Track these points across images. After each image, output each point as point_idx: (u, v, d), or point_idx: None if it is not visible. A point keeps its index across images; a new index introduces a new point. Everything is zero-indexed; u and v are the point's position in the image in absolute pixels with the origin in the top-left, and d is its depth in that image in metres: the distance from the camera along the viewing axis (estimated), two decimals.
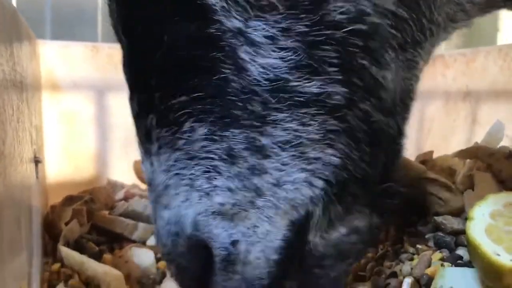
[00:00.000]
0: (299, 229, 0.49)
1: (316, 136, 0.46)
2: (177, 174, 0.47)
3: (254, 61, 0.45)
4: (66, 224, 0.83)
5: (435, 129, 1.27)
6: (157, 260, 0.81)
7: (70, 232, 0.81)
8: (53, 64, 1.09)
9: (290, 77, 0.45)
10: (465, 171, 0.79)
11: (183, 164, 0.47)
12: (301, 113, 0.46)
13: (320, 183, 0.47)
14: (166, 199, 0.48)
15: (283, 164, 0.46)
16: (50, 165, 1.06)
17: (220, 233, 0.47)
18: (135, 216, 0.90)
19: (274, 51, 0.44)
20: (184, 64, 0.46)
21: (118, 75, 1.13)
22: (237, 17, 0.44)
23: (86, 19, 1.49)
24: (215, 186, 0.46)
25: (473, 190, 0.73)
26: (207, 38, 0.45)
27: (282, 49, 0.44)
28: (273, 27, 0.44)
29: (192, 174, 0.47)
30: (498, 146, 0.77)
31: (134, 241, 0.87)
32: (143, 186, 1.05)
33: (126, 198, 0.98)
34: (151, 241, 0.86)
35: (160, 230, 0.49)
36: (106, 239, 0.87)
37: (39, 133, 0.90)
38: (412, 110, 0.54)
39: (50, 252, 0.82)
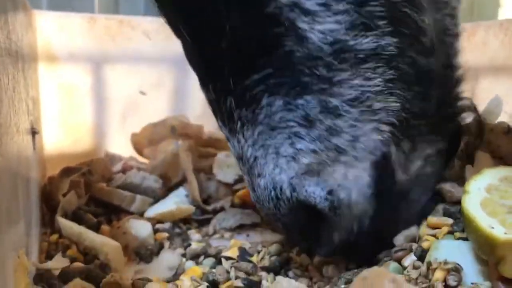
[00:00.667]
0: (382, 169, 0.55)
1: (379, 88, 0.52)
2: (262, 145, 0.53)
3: (313, 28, 0.49)
4: (64, 195, 0.83)
5: None
6: (155, 231, 0.81)
7: (68, 203, 0.81)
8: (49, 35, 1.07)
9: (348, 37, 0.49)
10: (463, 147, 0.79)
11: (266, 136, 0.52)
12: (363, 68, 0.51)
13: (386, 127, 0.54)
14: (258, 169, 0.54)
15: (355, 121, 0.52)
16: (47, 137, 1.06)
17: (315, 190, 0.53)
18: (133, 188, 0.90)
19: (329, 16, 0.49)
20: (250, 45, 0.50)
21: (115, 47, 1.14)
22: None
23: None
24: (299, 149, 0.52)
25: (472, 166, 0.73)
26: (266, 17, 0.49)
27: (335, 13, 0.48)
28: None
29: (276, 143, 0.52)
30: (496, 122, 0.77)
31: (132, 213, 0.87)
32: (141, 159, 1.05)
33: (124, 170, 0.98)
34: (149, 213, 0.86)
35: (260, 197, 0.55)
36: (104, 211, 0.88)
37: (36, 104, 0.90)
38: (457, 44, 0.60)
39: (48, 223, 0.82)
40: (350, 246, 0.57)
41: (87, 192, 0.89)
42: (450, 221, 0.57)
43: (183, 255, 0.74)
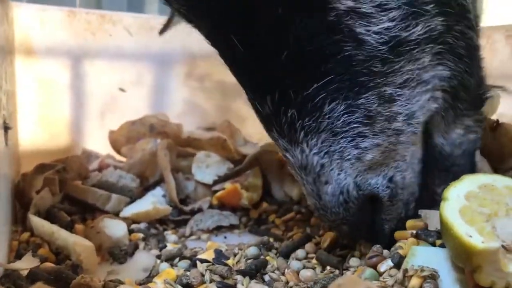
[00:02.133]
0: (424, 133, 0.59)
1: (428, 62, 0.54)
2: (327, 152, 0.54)
3: (369, 31, 0.50)
4: (38, 192, 0.81)
5: None
6: (130, 231, 0.80)
7: (41, 200, 0.79)
8: (28, 28, 1.05)
9: (402, 32, 0.51)
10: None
11: (330, 142, 0.53)
12: (414, 53, 0.53)
13: (439, 94, 0.57)
14: (325, 176, 0.54)
15: (408, 99, 0.54)
16: (23, 133, 1.03)
17: (377, 180, 0.56)
18: (109, 187, 0.89)
19: (383, 16, 0.50)
20: (311, 55, 0.51)
21: (95, 42, 1.12)
22: None
23: None
24: (364, 148, 0.54)
25: None
26: (328, 26, 0.50)
27: (389, 10, 0.50)
28: None
29: (340, 147, 0.53)
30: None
31: (107, 212, 0.85)
32: (118, 157, 1.03)
33: (100, 169, 0.97)
34: (124, 212, 0.85)
35: (329, 204, 0.56)
36: (78, 209, 0.86)
37: (10, 98, 0.88)
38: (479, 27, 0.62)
39: (20, 221, 0.80)
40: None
41: (61, 190, 0.87)
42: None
43: (158, 257, 0.73)
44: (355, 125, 0.53)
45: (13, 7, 1.00)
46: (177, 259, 0.71)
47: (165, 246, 0.76)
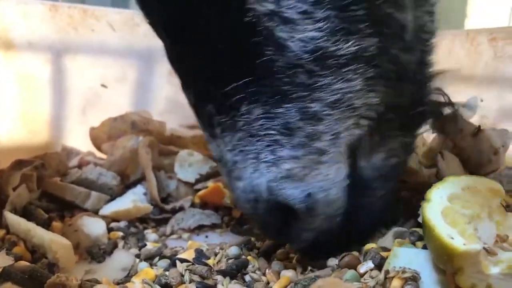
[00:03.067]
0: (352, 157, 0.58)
1: (359, 87, 0.52)
2: (241, 151, 0.54)
3: (293, 37, 0.49)
4: (14, 189, 0.79)
5: None
6: (109, 230, 0.78)
7: (18, 197, 0.77)
8: (8, 22, 1.03)
9: (329, 44, 0.49)
10: (430, 147, 0.79)
11: (246, 142, 0.53)
12: (344, 72, 0.50)
13: (365, 121, 0.55)
14: (237, 173, 0.55)
15: (336, 120, 0.52)
16: (1, 128, 1.01)
17: (293, 192, 0.54)
18: (88, 185, 0.87)
19: (309, 24, 0.48)
20: (230, 53, 0.51)
21: (77, 37, 1.10)
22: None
23: None
24: (281, 157, 0.53)
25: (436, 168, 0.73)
26: (245, 26, 0.49)
27: (316, 20, 0.48)
28: (304, 2, 0.48)
29: (256, 149, 0.53)
30: (469, 120, 0.77)
31: (86, 210, 0.84)
32: (99, 154, 1.02)
33: (80, 166, 0.95)
34: (104, 210, 0.83)
35: (239, 198, 0.57)
36: (57, 207, 0.84)
37: None
38: (432, 42, 0.61)
39: None
40: (325, 240, 0.60)
41: (39, 187, 0.85)
42: None
43: (137, 256, 0.72)
44: (272, 131, 0.52)
45: None
46: (156, 259, 0.69)
47: (145, 245, 0.75)
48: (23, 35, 1.04)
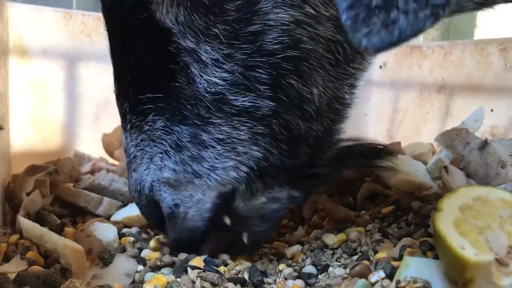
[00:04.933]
0: (226, 197, 0.64)
1: (245, 137, 0.59)
2: (142, 149, 0.63)
3: (202, 76, 0.56)
4: (28, 194, 0.80)
5: (407, 120, 1.27)
6: (121, 236, 0.79)
7: (31, 202, 0.78)
8: (23, 29, 1.04)
9: (228, 93, 0.56)
10: (437, 159, 0.80)
11: (146, 143, 0.62)
12: (234, 119, 0.57)
13: (244, 168, 0.61)
14: (135, 165, 0.65)
15: (218, 155, 0.60)
16: (16, 134, 1.02)
17: (166, 197, 0.65)
18: (101, 190, 0.88)
19: (217, 71, 0.55)
20: (150, 70, 0.59)
21: (90, 44, 1.11)
22: (191, 39, 0.55)
23: None
24: (165, 165, 0.62)
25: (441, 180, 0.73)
26: (167, 53, 0.57)
27: (223, 70, 0.55)
28: (217, 52, 0.55)
29: (151, 152, 0.62)
30: (476, 133, 0.78)
31: (98, 216, 0.85)
32: (111, 160, 1.03)
33: (92, 171, 0.96)
34: (116, 216, 0.84)
35: (130, 186, 0.67)
36: (69, 212, 0.85)
37: (2, 99, 0.87)
38: (346, 112, 0.63)
39: (9, 223, 0.79)
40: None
41: (52, 192, 0.86)
42: None
43: (145, 263, 0.72)
44: (165, 143, 0.61)
45: (8, 7, 0.99)
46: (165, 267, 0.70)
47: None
48: (37, 43, 1.06)
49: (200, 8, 0.53)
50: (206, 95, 0.56)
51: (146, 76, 0.59)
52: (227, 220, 0.66)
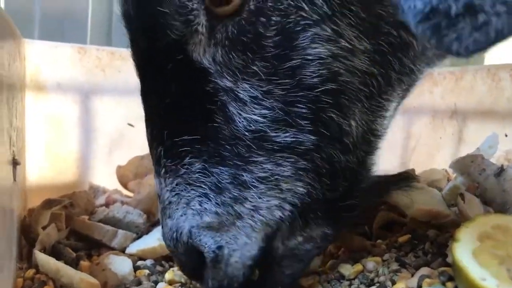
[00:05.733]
0: (271, 238, 0.61)
1: (288, 173, 0.58)
2: (177, 194, 0.60)
3: (240, 115, 0.56)
4: (44, 228, 0.80)
5: (420, 146, 1.27)
6: (136, 268, 0.79)
7: (47, 236, 0.79)
8: (39, 65, 1.06)
9: (269, 130, 0.56)
10: (452, 186, 0.79)
11: (182, 188, 0.59)
12: (277, 156, 0.57)
13: (288, 206, 0.60)
14: (169, 211, 0.61)
15: (260, 194, 0.58)
16: (31, 168, 1.03)
17: (208, 241, 0.60)
18: (115, 223, 0.88)
19: (256, 108, 0.55)
20: (188, 111, 0.57)
21: (105, 79, 1.13)
22: (229, 78, 0.55)
23: (76, 20, 1.47)
24: (205, 209, 0.59)
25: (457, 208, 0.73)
26: (204, 93, 0.56)
27: (263, 107, 0.55)
28: (256, 89, 0.55)
29: (189, 196, 0.59)
30: (491, 159, 0.77)
31: (113, 248, 0.85)
32: (125, 192, 1.03)
33: (107, 204, 0.96)
34: (130, 248, 0.84)
35: (165, 234, 0.63)
36: (84, 245, 0.85)
37: (19, 134, 0.88)
38: (378, 144, 0.64)
39: (25, 257, 0.80)
40: None
41: (68, 225, 0.86)
42: None
43: None
44: (204, 186, 0.59)
45: (25, 44, 1.02)
46: None
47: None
48: (52, 77, 1.08)
49: (239, 46, 0.54)
50: (246, 133, 0.56)
51: (182, 118, 0.58)
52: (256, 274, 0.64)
